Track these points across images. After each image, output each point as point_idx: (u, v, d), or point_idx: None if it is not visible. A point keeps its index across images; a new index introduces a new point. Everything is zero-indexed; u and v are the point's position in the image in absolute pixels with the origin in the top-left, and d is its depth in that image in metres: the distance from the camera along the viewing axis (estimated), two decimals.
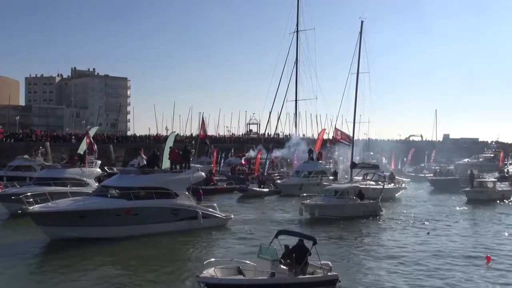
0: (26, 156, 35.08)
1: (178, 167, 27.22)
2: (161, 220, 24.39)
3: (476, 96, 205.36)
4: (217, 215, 27.29)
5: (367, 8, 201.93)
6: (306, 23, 63.55)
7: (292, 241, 16.03)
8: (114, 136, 78.68)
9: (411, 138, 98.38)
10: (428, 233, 26.26)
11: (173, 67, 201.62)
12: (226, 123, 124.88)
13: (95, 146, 33.27)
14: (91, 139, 32.90)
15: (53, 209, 22.30)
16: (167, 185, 25.36)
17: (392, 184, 42.34)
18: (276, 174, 54.55)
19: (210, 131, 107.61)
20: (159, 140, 65.03)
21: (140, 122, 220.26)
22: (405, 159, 71.72)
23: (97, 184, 30.62)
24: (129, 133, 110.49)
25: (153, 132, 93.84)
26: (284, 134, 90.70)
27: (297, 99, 62.24)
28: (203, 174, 28.83)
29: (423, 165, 71.07)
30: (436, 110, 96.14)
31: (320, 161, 49.20)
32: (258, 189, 44.61)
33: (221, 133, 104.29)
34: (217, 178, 50.44)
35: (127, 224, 23.24)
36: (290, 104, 64.02)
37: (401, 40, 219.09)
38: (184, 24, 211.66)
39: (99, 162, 35.64)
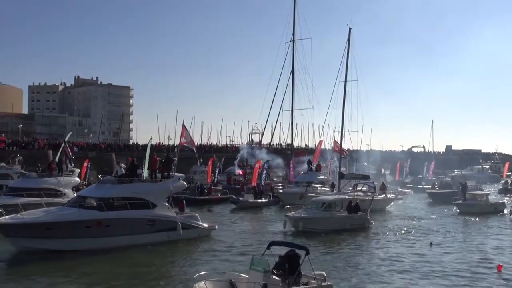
0: (3, 164, 34.21)
1: (160, 176, 26.53)
2: (136, 231, 23.57)
3: (475, 108, 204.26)
4: (198, 225, 26.56)
5: (363, 18, 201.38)
6: (302, 32, 62.54)
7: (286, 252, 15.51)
8: (116, 144, 78.38)
9: (413, 149, 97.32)
10: (431, 244, 25.75)
11: (176, 77, 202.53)
12: (229, 133, 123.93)
13: (66, 155, 32.15)
14: (67, 146, 32.03)
15: (20, 220, 21.55)
16: (145, 195, 24.59)
17: (383, 195, 41.39)
18: (279, 184, 53.85)
19: (213, 141, 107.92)
20: (161, 149, 64.24)
21: (143, 131, 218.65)
22: (406, 169, 70.82)
23: (74, 194, 29.67)
24: (131, 142, 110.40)
25: (156, 141, 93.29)
26: (286, 143, 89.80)
27: (293, 108, 61.14)
28: (184, 183, 28.10)
29: (420, 176, 70.47)
30: (432, 121, 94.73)
31: (318, 172, 48.64)
32: (251, 200, 43.57)
33: (224, 143, 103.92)
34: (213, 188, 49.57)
35: (98, 236, 22.33)
36: (286, 114, 62.99)
37: (401, 50, 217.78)
38: (186, 35, 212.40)
39: (77, 170, 34.73)
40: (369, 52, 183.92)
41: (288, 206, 31.47)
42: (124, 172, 27.93)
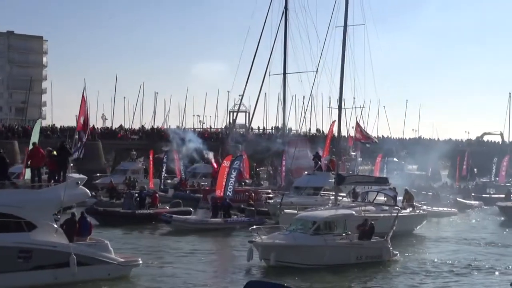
0: None
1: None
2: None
3: None
4: (108, 260, 26.48)
5: None
6: None
7: None
8: (21, 127, 78.68)
9: (485, 138, 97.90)
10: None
11: (114, 21, 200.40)
12: (198, 110, 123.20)
13: None
14: None
15: None
16: (16, 209, 24.50)
17: (409, 210, 41.48)
18: (270, 192, 54.49)
19: (173, 121, 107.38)
20: (92, 133, 63.90)
21: (63, 106, 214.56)
22: (464, 168, 72.34)
23: None
24: (45, 122, 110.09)
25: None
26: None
27: (286, 72, 60.69)
28: (86, 191, 27.87)
29: (485, 179, 71.67)
30: (510, 93, 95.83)
31: (332, 173, 48.73)
32: (195, 218, 43.15)
33: (190, 126, 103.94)
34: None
35: None
36: (274, 80, 62.32)
37: None
38: None
39: None
40: None
41: (255, 227, 31.49)
42: None
